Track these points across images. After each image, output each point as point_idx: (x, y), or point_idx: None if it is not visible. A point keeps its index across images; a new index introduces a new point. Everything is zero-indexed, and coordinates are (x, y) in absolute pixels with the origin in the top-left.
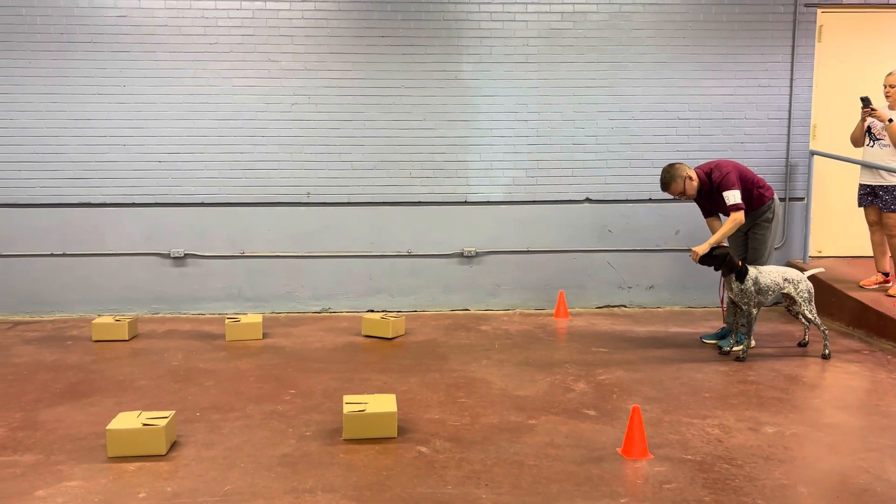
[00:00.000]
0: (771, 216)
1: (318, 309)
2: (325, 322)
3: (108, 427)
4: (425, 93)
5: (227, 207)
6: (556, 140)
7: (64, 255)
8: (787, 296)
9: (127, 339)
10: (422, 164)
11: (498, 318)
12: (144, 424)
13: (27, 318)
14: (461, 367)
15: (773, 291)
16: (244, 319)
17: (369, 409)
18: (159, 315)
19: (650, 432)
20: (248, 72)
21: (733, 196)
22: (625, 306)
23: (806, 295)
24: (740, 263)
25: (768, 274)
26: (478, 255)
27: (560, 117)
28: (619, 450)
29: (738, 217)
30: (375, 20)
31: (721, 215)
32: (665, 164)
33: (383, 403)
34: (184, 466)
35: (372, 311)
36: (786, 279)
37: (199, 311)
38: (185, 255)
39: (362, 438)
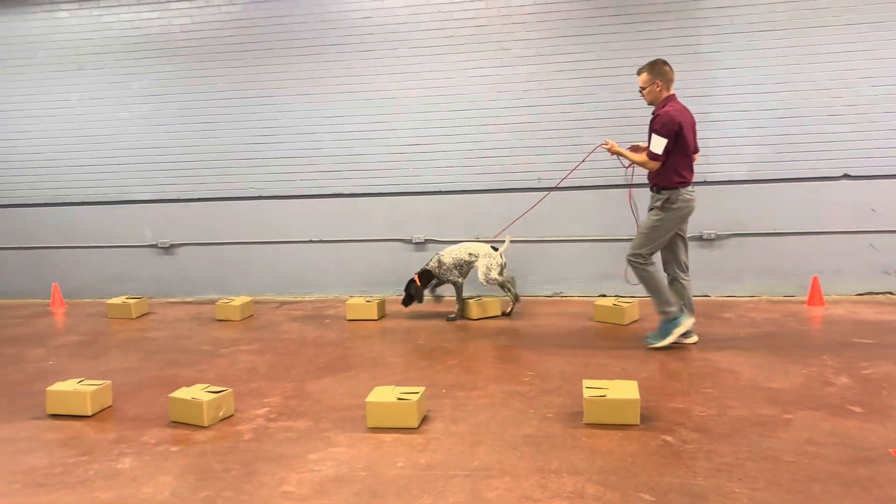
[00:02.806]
0: (669, 205)
1: (549, 293)
2: (557, 306)
3: (367, 400)
4: None
5: (462, 195)
6: (808, 112)
7: (321, 241)
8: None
9: (376, 318)
10: None
11: (742, 305)
12: (399, 399)
13: (291, 299)
14: (704, 355)
15: (463, 265)
16: (483, 299)
17: (610, 395)
18: (401, 296)
19: None
20: (481, 62)
21: (657, 144)
22: (892, 293)
23: (485, 266)
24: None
25: (450, 253)
26: (718, 237)
27: (812, 87)
28: (893, 451)
29: (651, 164)
30: None
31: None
32: None
33: (625, 390)
34: (434, 440)
35: (604, 295)
36: (470, 253)
37: (438, 293)
38: (426, 240)
39: (604, 424)
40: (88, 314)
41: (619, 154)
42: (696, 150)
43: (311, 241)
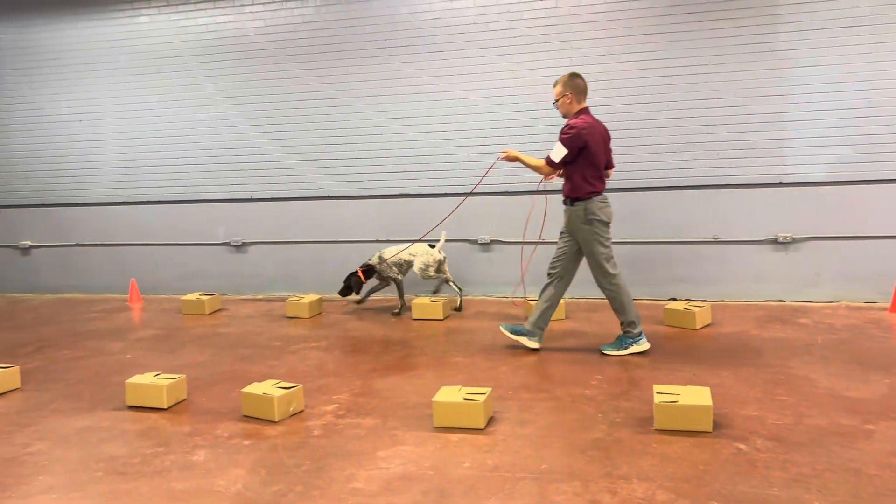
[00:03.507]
0: (592, 216)
1: None
2: None
3: (434, 399)
4: (735, 68)
5: (529, 195)
6: (892, 111)
7: (388, 241)
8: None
9: (442, 318)
10: (730, 143)
11: (819, 311)
12: (465, 399)
13: (357, 297)
14: (778, 362)
15: (403, 264)
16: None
17: (682, 401)
18: (468, 297)
19: None
20: (549, 62)
21: (557, 152)
22: None
23: (422, 263)
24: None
25: (391, 252)
26: (794, 241)
27: None
28: None
29: (546, 170)
30: None
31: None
32: None
33: (697, 396)
34: (501, 441)
35: (674, 299)
36: (410, 254)
37: (503, 295)
38: (491, 241)
39: (675, 430)
40: (164, 309)
41: (517, 160)
42: (609, 166)
43: (377, 241)
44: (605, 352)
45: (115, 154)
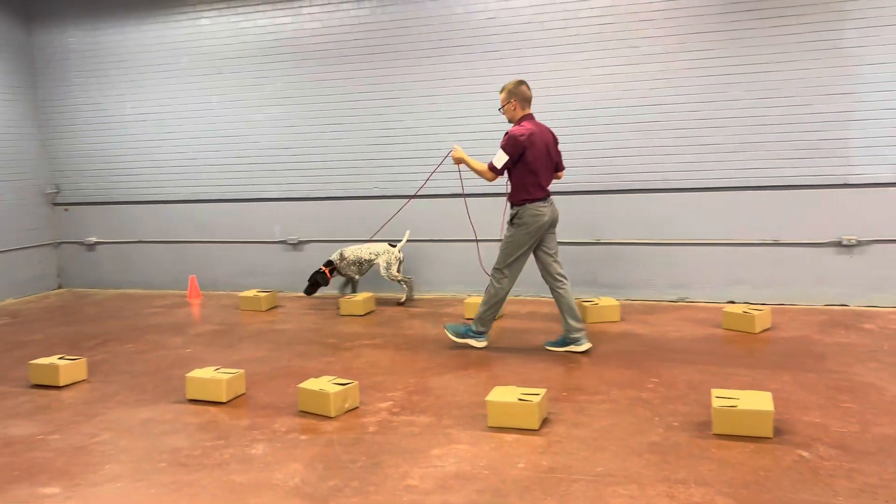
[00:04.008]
0: (518, 221)
1: (673, 298)
2: (682, 311)
3: (488, 398)
4: (797, 66)
5: (583, 195)
6: None
7: (441, 240)
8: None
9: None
10: (792, 143)
11: (885, 316)
12: (519, 399)
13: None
14: (842, 368)
15: (363, 263)
16: (602, 302)
17: (741, 406)
18: (520, 297)
19: None
20: (606, 60)
21: (498, 158)
22: None
23: (385, 262)
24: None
25: (352, 251)
26: (860, 243)
27: None
28: None
29: (489, 175)
30: None
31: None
32: None
33: (757, 401)
34: (556, 443)
35: (732, 302)
36: (371, 252)
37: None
38: None
39: (733, 435)
40: (222, 305)
41: (462, 162)
42: (559, 169)
43: (430, 240)
44: (547, 347)
45: (176, 153)
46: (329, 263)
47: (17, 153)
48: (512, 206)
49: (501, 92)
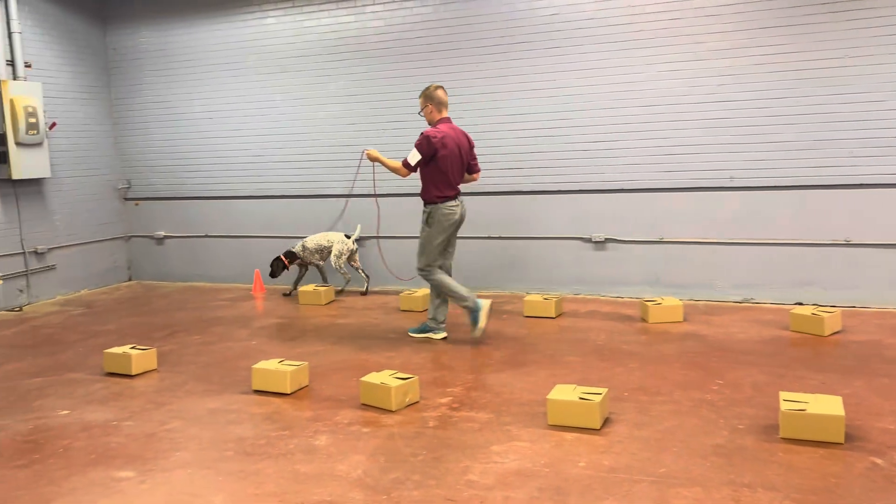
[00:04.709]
0: (431, 219)
1: (738, 299)
2: (747, 313)
3: (549, 397)
4: (873, 61)
5: (646, 193)
6: None
7: (499, 237)
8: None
9: (553, 316)
10: (866, 141)
11: None
12: (580, 398)
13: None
14: None
15: (323, 250)
16: (665, 302)
17: (811, 410)
18: (581, 296)
19: None
20: (672, 56)
21: (412, 156)
22: None
23: (337, 251)
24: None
25: (312, 239)
26: None
27: None
28: None
29: (403, 171)
30: None
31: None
32: None
33: (827, 405)
34: (617, 443)
35: (800, 304)
36: (328, 240)
37: (617, 294)
38: (606, 239)
39: (802, 440)
40: (285, 299)
41: (377, 160)
42: (472, 171)
43: (489, 238)
44: (410, 334)
45: (242, 150)
46: (290, 254)
47: (93, 150)
48: (425, 205)
49: (420, 97)
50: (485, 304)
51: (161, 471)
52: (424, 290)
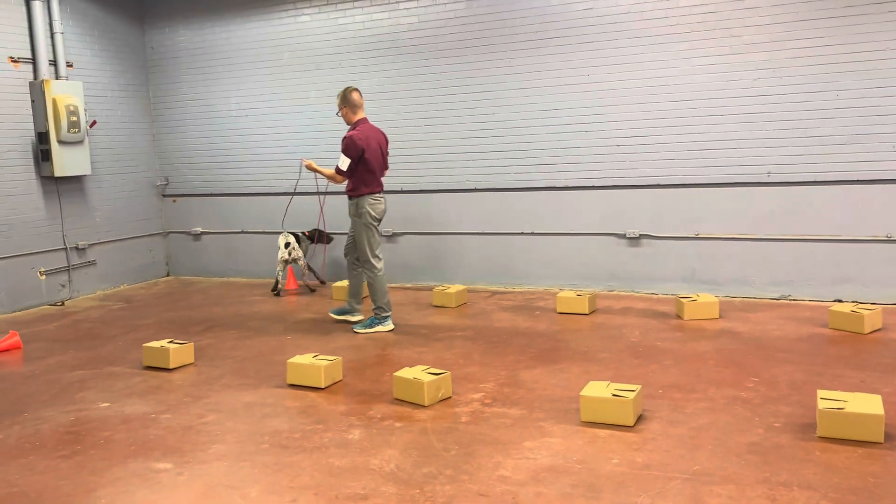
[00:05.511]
0: (359, 211)
1: (775, 295)
2: (784, 310)
3: (582, 393)
4: None
5: (681, 189)
6: None
7: (532, 233)
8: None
9: (587, 312)
10: None
11: None
12: (614, 395)
13: (501, 289)
14: None
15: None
16: (700, 299)
17: (849, 408)
18: (614, 292)
19: None
20: (708, 50)
21: (342, 162)
22: None
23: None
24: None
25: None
26: None
27: None
28: None
29: (339, 179)
30: None
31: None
32: None
33: (866, 403)
34: (651, 440)
35: (839, 300)
36: (293, 236)
37: (651, 291)
38: (640, 235)
39: (840, 438)
40: (319, 294)
41: (314, 170)
42: (384, 168)
43: (522, 234)
44: (355, 330)
45: (277, 147)
46: (303, 235)
47: (132, 148)
48: (351, 198)
49: (337, 98)
50: (387, 326)
51: (198, 463)
52: (458, 287)
